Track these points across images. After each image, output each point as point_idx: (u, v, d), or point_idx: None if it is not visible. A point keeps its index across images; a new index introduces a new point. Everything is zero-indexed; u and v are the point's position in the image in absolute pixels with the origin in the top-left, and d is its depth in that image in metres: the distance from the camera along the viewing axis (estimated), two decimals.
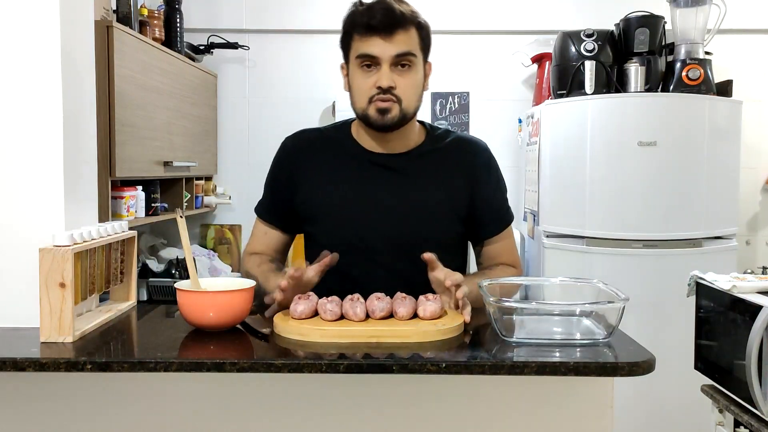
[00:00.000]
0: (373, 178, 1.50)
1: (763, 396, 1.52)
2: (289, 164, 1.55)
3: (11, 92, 1.31)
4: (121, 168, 2.20)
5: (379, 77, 1.40)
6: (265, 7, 3.23)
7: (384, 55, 1.39)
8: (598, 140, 2.62)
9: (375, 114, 1.42)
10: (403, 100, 1.42)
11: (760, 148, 3.24)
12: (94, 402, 1.22)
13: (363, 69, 1.42)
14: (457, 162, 1.53)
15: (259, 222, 1.60)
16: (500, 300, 1.22)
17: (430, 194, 1.50)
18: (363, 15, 1.40)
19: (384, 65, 1.40)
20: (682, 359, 2.01)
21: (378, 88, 1.40)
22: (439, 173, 1.52)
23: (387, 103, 1.41)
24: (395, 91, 1.41)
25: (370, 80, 1.41)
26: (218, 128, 3.29)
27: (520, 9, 3.26)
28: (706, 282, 1.79)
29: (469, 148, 1.57)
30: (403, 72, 1.42)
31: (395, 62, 1.40)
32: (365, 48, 1.40)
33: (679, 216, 2.61)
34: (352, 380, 1.19)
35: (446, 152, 1.54)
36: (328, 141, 1.56)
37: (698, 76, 2.72)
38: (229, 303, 1.23)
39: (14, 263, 1.30)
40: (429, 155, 1.53)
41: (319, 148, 1.55)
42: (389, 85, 1.40)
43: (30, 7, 1.31)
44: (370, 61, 1.40)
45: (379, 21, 1.38)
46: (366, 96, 1.42)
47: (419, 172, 1.51)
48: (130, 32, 2.27)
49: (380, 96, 1.41)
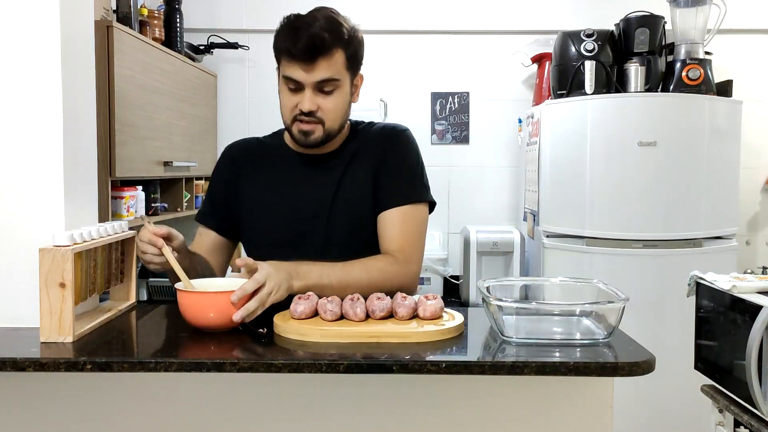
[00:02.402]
0: (303, 177, 1.55)
1: (763, 396, 1.52)
2: (227, 169, 1.61)
3: (11, 92, 1.31)
4: (121, 168, 2.20)
5: (302, 101, 1.43)
6: (265, 7, 3.23)
7: (306, 81, 1.42)
8: (598, 140, 2.62)
9: (298, 134, 1.47)
10: (326, 122, 1.46)
11: (760, 148, 3.24)
12: (94, 402, 1.22)
13: (287, 88, 1.45)
14: (372, 150, 1.55)
15: (198, 225, 1.64)
16: (500, 300, 1.22)
17: (351, 188, 1.52)
18: (286, 40, 1.41)
19: (307, 89, 1.43)
20: (682, 359, 2.01)
21: (300, 110, 1.44)
22: (358, 165, 1.54)
23: (310, 126, 1.45)
24: (318, 113, 1.44)
25: (294, 100, 1.45)
26: (218, 128, 3.29)
27: (520, 9, 3.26)
28: (706, 282, 1.79)
29: (378, 134, 1.58)
30: (327, 95, 1.45)
31: (318, 87, 1.43)
32: (289, 72, 1.43)
33: (679, 216, 2.61)
34: (352, 380, 1.19)
35: (365, 143, 1.57)
36: (264, 147, 1.62)
37: (698, 76, 2.72)
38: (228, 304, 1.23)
39: (14, 263, 1.30)
40: (351, 150, 1.56)
41: (255, 154, 1.61)
42: (310, 109, 1.43)
43: (30, 7, 1.31)
44: (293, 83, 1.43)
45: (300, 50, 1.39)
46: (290, 114, 1.46)
47: (343, 167, 1.54)
48: (130, 32, 2.27)
49: (303, 117, 1.44)
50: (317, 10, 1.46)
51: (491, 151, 3.32)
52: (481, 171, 3.32)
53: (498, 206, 3.31)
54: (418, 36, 3.30)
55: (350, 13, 1.49)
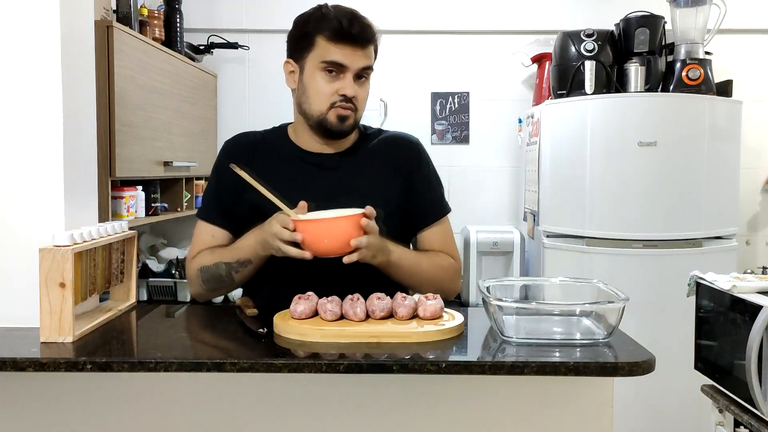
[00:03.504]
0: (309, 177, 1.51)
1: (763, 396, 1.52)
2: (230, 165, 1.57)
3: (11, 92, 1.32)
4: (121, 168, 2.20)
5: (344, 85, 1.43)
6: (265, 7, 3.23)
7: (353, 65, 1.42)
8: (598, 140, 2.62)
9: (335, 120, 1.45)
10: (358, 110, 1.47)
11: (760, 148, 3.24)
12: (94, 402, 1.22)
13: (326, 73, 1.43)
14: (390, 158, 1.55)
15: (205, 225, 1.55)
16: (500, 300, 1.22)
17: (360, 191, 1.50)
18: (338, 22, 1.41)
19: (348, 74, 1.43)
20: (682, 359, 2.01)
21: (342, 96, 1.43)
22: (370, 170, 1.53)
23: (347, 111, 1.45)
24: (354, 100, 1.45)
25: (333, 86, 1.43)
26: (218, 128, 3.29)
27: (520, 9, 3.26)
28: (706, 282, 1.79)
29: (401, 143, 1.59)
30: (361, 83, 1.46)
31: (357, 74, 1.44)
32: (335, 56, 1.42)
33: (679, 216, 2.61)
34: (352, 380, 1.19)
35: (377, 149, 1.56)
36: (267, 143, 1.58)
37: (698, 76, 2.72)
38: (346, 229, 1.28)
39: (14, 263, 1.30)
40: (361, 154, 1.55)
41: (260, 150, 1.56)
42: (354, 94, 1.43)
43: (30, 7, 1.31)
44: (336, 68, 1.42)
45: (357, 32, 1.41)
46: (327, 101, 1.44)
47: (351, 170, 1.52)
48: (130, 32, 2.27)
49: (342, 104, 1.44)
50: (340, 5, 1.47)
51: (491, 151, 3.32)
52: (481, 171, 3.32)
53: (498, 206, 3.31)
54: (418, 36, 3.30)
55: None
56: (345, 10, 1.44)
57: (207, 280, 1.47)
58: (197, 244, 1.54)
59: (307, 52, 1.45)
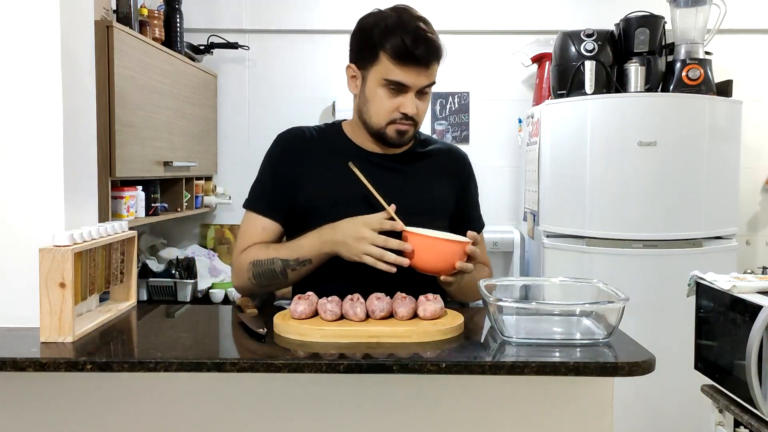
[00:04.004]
0: (368, 175, 1.47)
1: (763, 396, 1.52)
2: (290, 158, 1.53)
3: (11, 92, 1.32)
4: (121, 168, 2.20)
5: (405, 103, 1.43)
6: (265, 7, 3.23)
7: (415, 85, 1.42)
8: (598, 140, 2.62)
9: (394, 134, 1.47)
10: (418, 123, 1.49)
11: (760, 148, 3.24)
12: (94, 402, 1.22)
13: (387, 90, 1.43)
14: (446, 166, 1.60)
15: (256, 218, 1.51)
16: (500, 300, 1.22)
17: (422, 193, 1.53)
18: (402, 42, 1.38)
19: (411, 92, 1.43)
20: (682, 359, 2.00)
21: (402, 114, 1.43)
22: (431, 174, 1.56)
23: (407, 127, 1.46)
24: (415, 116, 1.45)
25: (394, 103, 1.43)
26: (218, 128, 3.29)
27: (520, 9, 3.26)
28: (706, 282, 1.79)
29: (457, 155, 1.65)
30: (422, 97, 1.46)
31: (420, 90, 1.44)
32: (398, 75, 1.40)
33: (679, 216, 2.61)
34: (352, 380, 1.19)
35: (437, 156, 1.60)
36: (324, 138, 1.56)
37: (698, 76, 2.72)
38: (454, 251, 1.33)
39: (14, 263, 1.30)
40: (421, 157, 1.57)
41: (317, 145, 1.54)
42: (414, 112, 1.44)
43: (30, 7, 1.31)
44: (398, 86, 1.42)
45: (423, 54, 1.39)
46: (387, 117, 1.45)
47: (413, 172, 1.55)
48: (130, 32, 2.27)
49: (403, 121, 1.45)
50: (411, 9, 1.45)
51: (491, 151, 3.32)
52: (481, 171, 3.28)
53: (498, 206, 3.31)
54: None
55: (350, 13, 1.49)
56: (410, 25, 1.40)
57: (259, 275, 1.45)
58: (247, 237, 1.50)
59: (370, 65, 1.44)
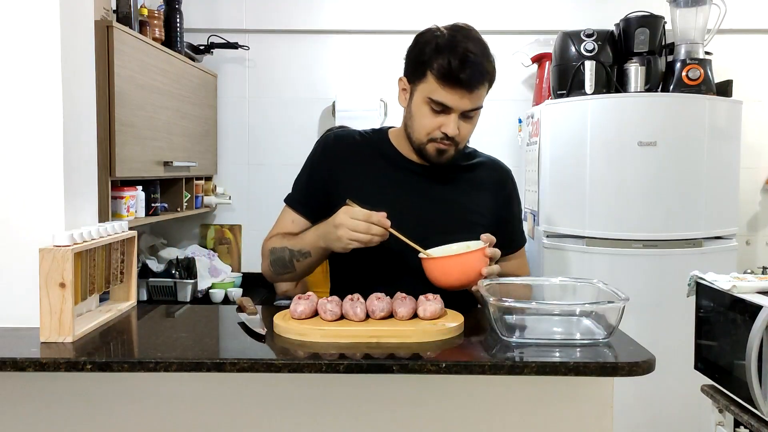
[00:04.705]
0: (411, 184, 1.52)
1: (763, 396, 1.52)
2: (330, 160, 1.56)
3: (11, 92, 1.32)
4: (121, 168, 2.20)
5: (447, 123, 1.42)
6: (265, 7, 3.23)
7: (458, 107, 1.41)
8: (598, 140, 2.62)
9: (433, 152, 1.47)
10: (459, 144, 1.47)
11: (760, 148, 3.24)
12: (94, 402, 1.22)
13: (431, 108, 1.43)
14: (488, 180, 1.60)
15: (289, 211, 1.58)
16: (500, 300, 1.22)
17: (462, 204, 1.54)
18: (448, 63, 1.38)
19: (453, 114, 1.42)
20: (682, 359, 2.00)
21: (443, 134, 1.43)
22: (472, 187, 1.57)
23: (446, 146, 1.45)
24: (456, 137, 1.44)
25: (436, 122, 1.43)
26: (218, 128, 3.28)
27: (520, 9, 3.26)
28: (706, 282, 1.79)
29: (501, 170, 1.64)
30: (467, 120, 1.45)
31: (463, 113, 1.43)
32: (442, 97, 1.40)
33: (679, 216, 2.61)
34: (352, 380, 1.19)
35: (479, 169, 1.60)
36: (369, 143, 1.58)
37: (698, 76, 2.72)
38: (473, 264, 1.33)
39: (14, 263, 1.30)
40: (463, 169, 1.58)
41: (360, 149, 1.57)
42: (455, 134, 1.43)
43: (30, 7, 1.31)
44: (441, 107, 1.42)
45: (468, 78, 1.39)
46: (428, 135, 1.45)
47: (455, 183, 1.55)
48: (130, 32, 2.27)
49: (444, 141, 1.44)
50: (468, 30, 1.48)
51: (491, 151, 3.28)
52: None
53: None
54: None
55: (350, 13, 1.49)
56: (459, 47, 1.40)
57: (273, 261, 1.52)
58: (277, 227, 1.58)
59: (418, 81, 1.45)
